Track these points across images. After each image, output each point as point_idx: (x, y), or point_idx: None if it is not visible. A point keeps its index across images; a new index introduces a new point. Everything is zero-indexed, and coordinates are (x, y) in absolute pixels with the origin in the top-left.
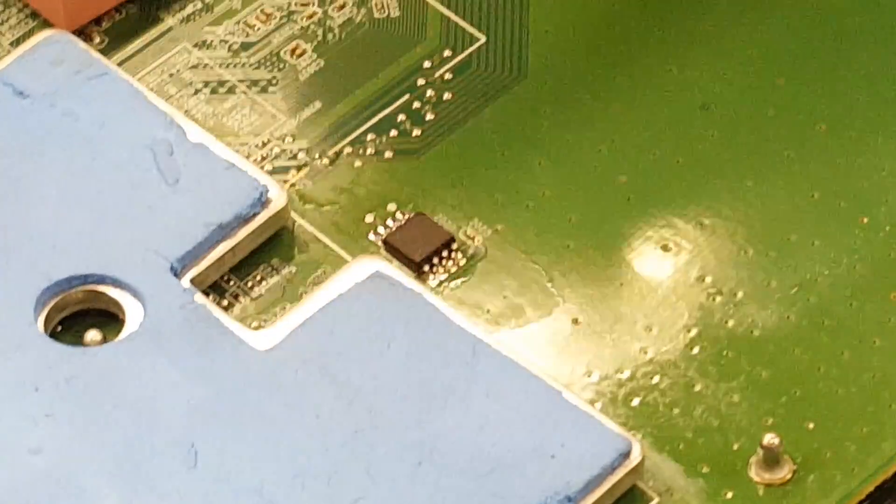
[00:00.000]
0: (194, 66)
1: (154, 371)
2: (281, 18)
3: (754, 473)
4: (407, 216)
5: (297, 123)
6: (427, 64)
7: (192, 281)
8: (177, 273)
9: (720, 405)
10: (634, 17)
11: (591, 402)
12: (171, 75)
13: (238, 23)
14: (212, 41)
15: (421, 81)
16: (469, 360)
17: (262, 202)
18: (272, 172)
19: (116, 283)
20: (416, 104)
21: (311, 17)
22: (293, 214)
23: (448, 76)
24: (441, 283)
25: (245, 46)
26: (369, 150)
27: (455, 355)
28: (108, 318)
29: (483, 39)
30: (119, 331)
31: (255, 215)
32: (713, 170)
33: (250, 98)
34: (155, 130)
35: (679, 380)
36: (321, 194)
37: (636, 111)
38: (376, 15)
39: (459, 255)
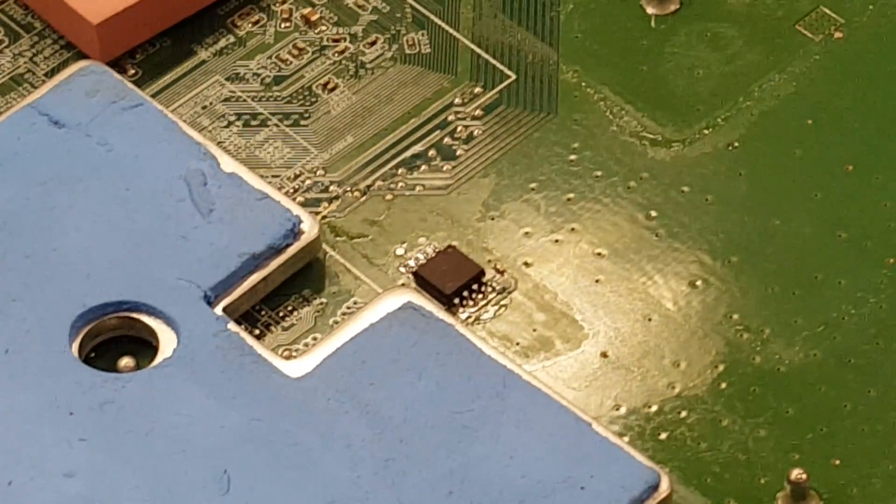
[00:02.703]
0: (227, 99)
1: (187, 398)
2: (313, 53)
3: None
4: (437, 249)
5: (328, 157)
6: (458, 100)
7: (225, 310)
8: (210, 302)
9: (747, 440)
10: (663, 57)
11: (619, 436)
12: (203, 108)
13: (270, 57)
14: (244, 74)
15: (451, 117)
16: (499, 392)
17: (295, 233)
18: (304, 204)
19: (150, 310)
20: (447, 140)
21: (342, 52)
22: (324, 246)
23: (478, 112)
24: (471, 315)
25: (277, 80)
26: (400, 184)
27: (485, 387)
28: (142, 345)
29: (513, 77)
30: (152, 358)
31: (287, 246)
32: (741, 208)
33: (282, 131)
34: (189, 161)
35: (706, 415)
36: (352, 227)
37: (665, 149)
38: (407, 51)
39: (489, 288)
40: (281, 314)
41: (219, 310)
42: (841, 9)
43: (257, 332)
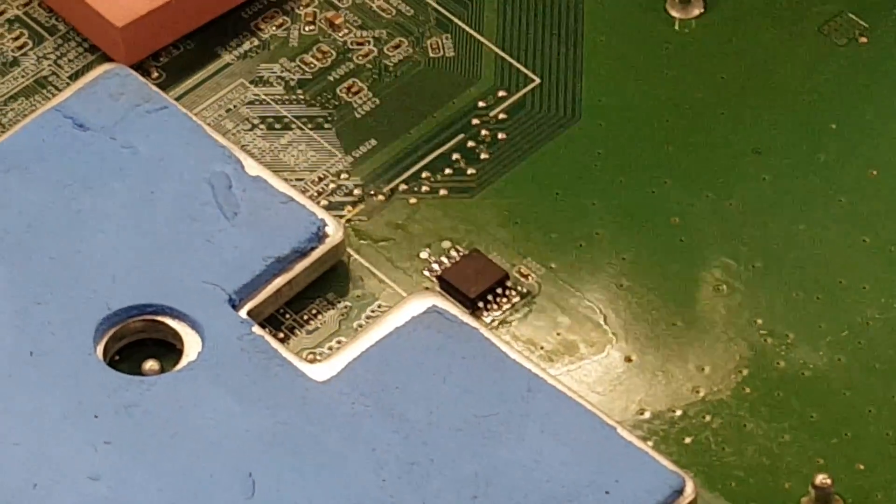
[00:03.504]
0: (251, 102)
1: (212, 401)
2: (337, 56)
3: None
4: (461, 253)
5: (352, 160)
6: (482, 104)
7: (250, 313)
8: (235, 305)
9: (772, 445)
10: (689, 61)
11: (644, 440)
12: (227, 111)
13: (294, 60)
14: (269, 77)
15: (475, 121)
16: (524, 396)
17: (320, 237)
18: (328, 208)
19: (175, 313)
20: (471, 143)
21: (366, 55)
22: (349, 249)
23: (502, 116)
24: (495, 319)
25: (301, 83)
26: (424, 188)
27: (510, 390)
28: (167, 349)
29: (537, 80)
30: (177, 361)
31: (312, 249)
32: (765, 213)
33: (306, 134)
34: (214, 164)
35: (731, 419)
36: (376, 230)
37: (689, 153)
38: (431, 55)
39: (513, 292)
40: (305, 317)
41: (243, 313)
42: (866, 14)
43: (282, 335)
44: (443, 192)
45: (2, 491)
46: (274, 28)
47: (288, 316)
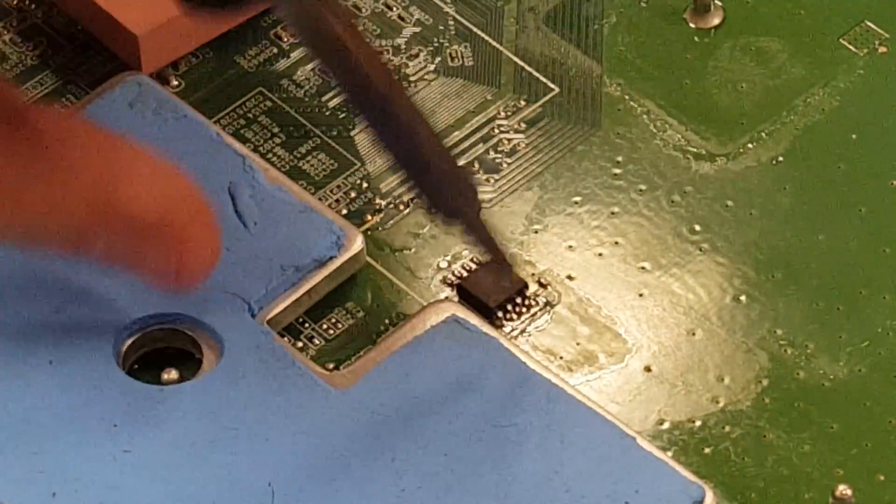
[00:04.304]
0: (270, 111)
1: (231, 410)
2: None
3: None
4: (480, 262)
5: (371, 169)
6: (501, 113)
7: (269, 322)
8: (254, 314)
9: (791, 455)
10: (706, 71)
11: (664, 450)
12: (247, 119)
13: (314, 69)
14: (287, 86)
15: (494, 130)
16: (544, 406)
17: (339, 246)
18: (347, 217)
19: (194, 322)
20: (490, 153)
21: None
22: (368, 259)
23: (521, 126)
24: (514, 329)
25: (321, 92)
26: None
27: (530, 400)
28: (186, 358)
29: (556, 90)
30: (196, 370)
31: (331, 259)
32: (785, 223)
33: (325, 143)
34: (233, 173)
35: (751, 430)
36: (396, 239)
37: (709, 162)
38: (450, 64)
39: (533, 301)
40: (324, 327)
41: (263, 322)
42: (885, 23)
43: (301, 344)
44: None
45: (22, 500)
46: (293, 37)
47: (307, 325)
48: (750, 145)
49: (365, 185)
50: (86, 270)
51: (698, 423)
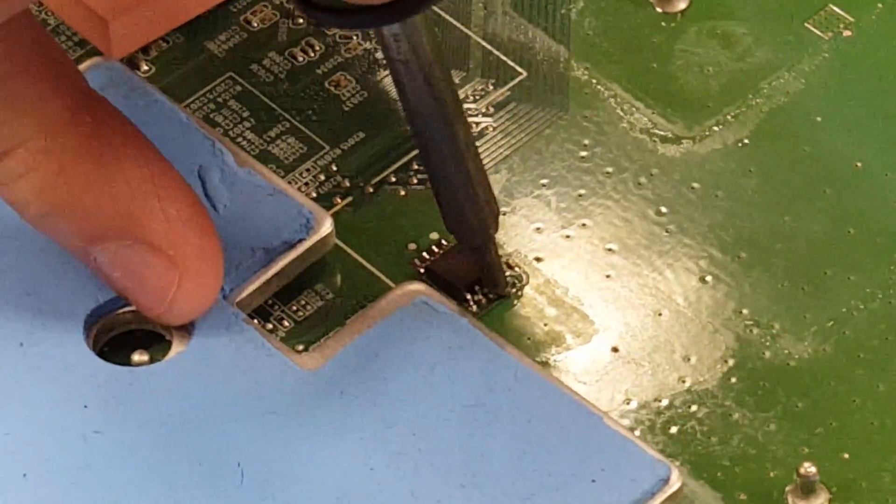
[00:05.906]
0: (239, 95)
1: (200, 391)
2: (325, 50)
3: (790, 502)
4: (449, 245)
5: (340, 153)
6: (469, 97)
7: (239, 304)
8: (225, 296)
9: (757, 434)
10: (673, 54)
11: (630, 430)
12: (216, 104)
13: (283, 53)
14: (257, 71)
15: None
16: (511, 386)
17: (308, 229)
18: (316, 200)
19: None
20: None
21: (354, 49)
22: (337, 241)
23: (489, 109)
24: (482, 310)
25: (290, 77)
26: (412, 180)
27: (497, 380)
28: (156, 339)
29: (524, 74)
30: (166, 351)
31: (300, 241)
32: (751, 205)
33: (295, 127)
34: (202, 156)
35: (716, 409)
36: (365, 222)
37: (675, 145)
38: None
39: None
40: (294, 308)
41: (232, 304)
42: (850, 7)
43: (270, 326)
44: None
45: None
46: (263, 22)
47: (277, 307)
48: (716, 128)
49: (334, 168)
50: (56, 253)
51: (665, 402)
